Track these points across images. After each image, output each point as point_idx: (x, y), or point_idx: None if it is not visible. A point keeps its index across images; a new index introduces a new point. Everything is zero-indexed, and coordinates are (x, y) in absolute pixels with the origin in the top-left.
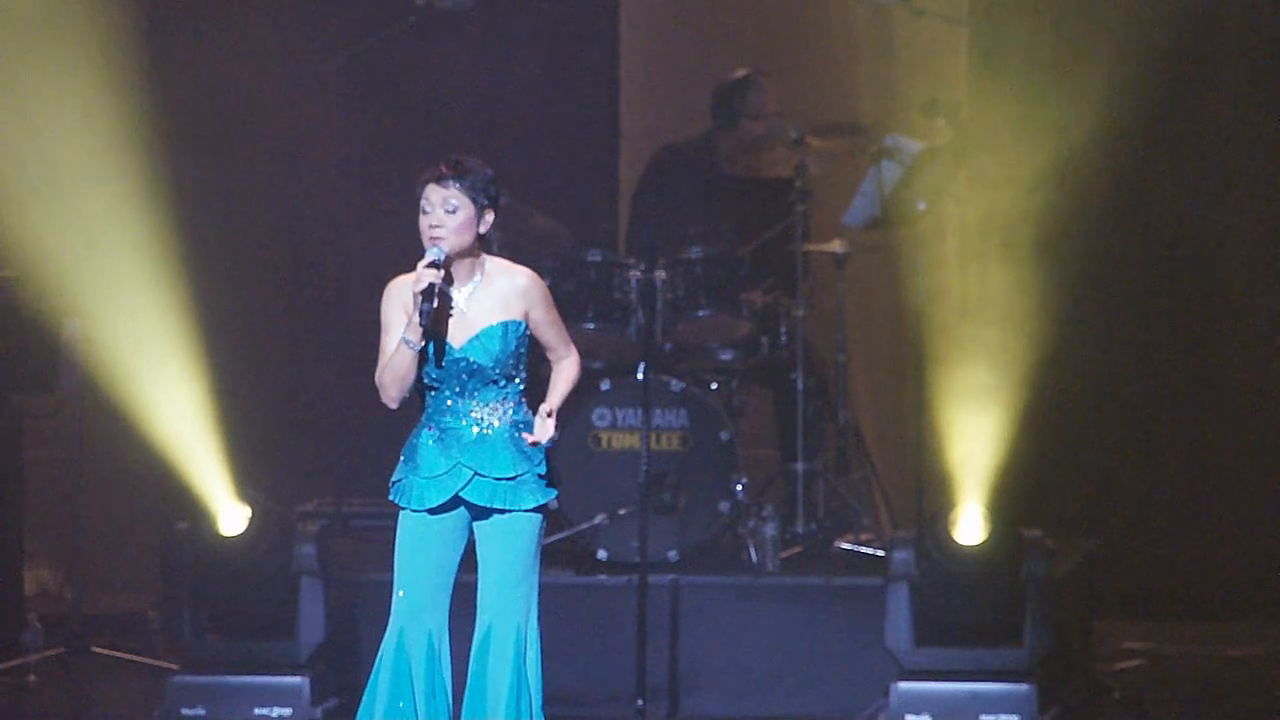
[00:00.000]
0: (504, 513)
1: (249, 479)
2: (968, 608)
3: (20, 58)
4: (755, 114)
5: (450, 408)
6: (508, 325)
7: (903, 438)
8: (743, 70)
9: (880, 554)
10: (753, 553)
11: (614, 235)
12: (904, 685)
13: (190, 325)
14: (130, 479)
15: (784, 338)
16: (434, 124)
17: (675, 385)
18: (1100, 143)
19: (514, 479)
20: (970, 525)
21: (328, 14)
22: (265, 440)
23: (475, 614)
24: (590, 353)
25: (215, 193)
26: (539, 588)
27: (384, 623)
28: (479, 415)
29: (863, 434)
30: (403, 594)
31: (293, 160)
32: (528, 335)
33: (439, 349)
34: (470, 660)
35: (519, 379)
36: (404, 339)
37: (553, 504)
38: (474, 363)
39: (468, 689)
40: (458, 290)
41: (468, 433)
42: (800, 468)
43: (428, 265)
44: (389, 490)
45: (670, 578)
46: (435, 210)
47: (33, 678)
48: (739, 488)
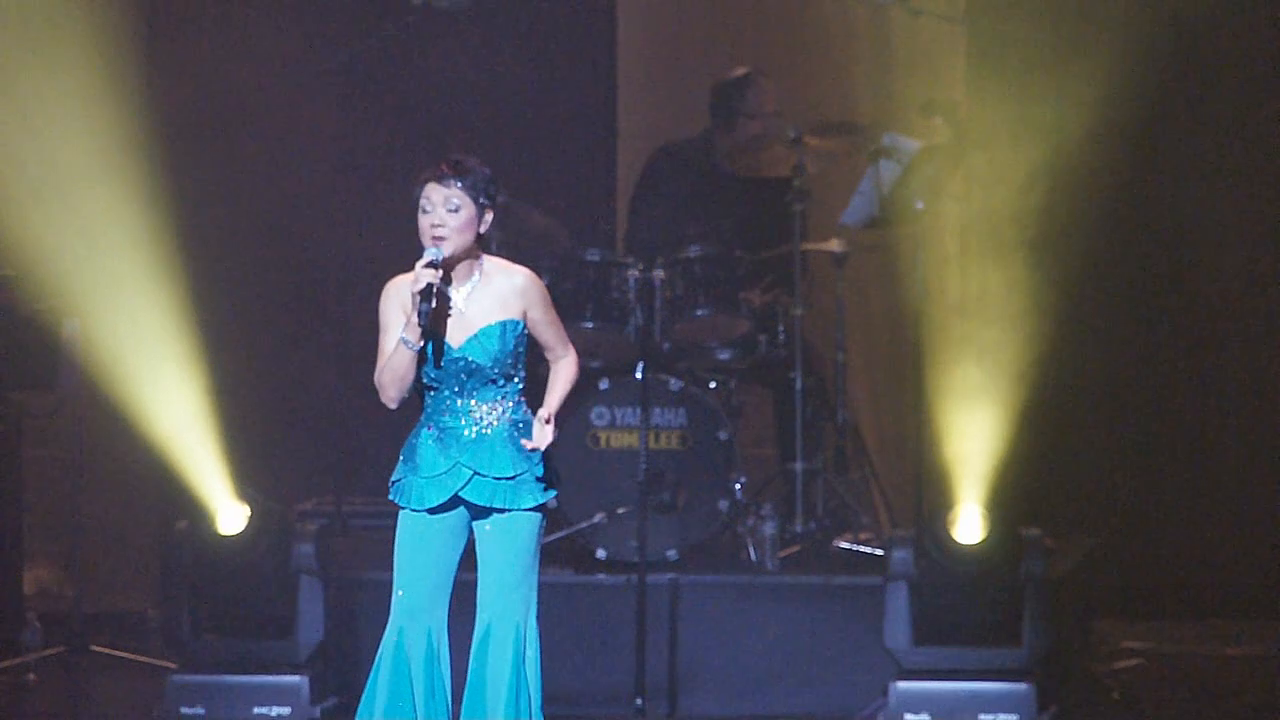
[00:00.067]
0: (503, 512)
1: (248, 478)
2: (966, 607)
3: (20, 58)
4: (753, 113)
5: (449, 407)
6: (506, 325)
7: (901, 437)
8: (741, 69)
9: (879, 553)
10: (752, 552)
11: (612, 234)
12: (903, 684)
13: (189, 325)
14: (130, 478)
15: (782, 337)
16: (432, 123)
17: (674, 384)
18: (1098, 142)
19: (513, 478)
20: (969, 524)
21: (326, 14)
22: (264, 439)
23: (475, 613)
24: (589, 352)
25: (214, 192)
26: (538, 587)
27: (383, 622)
28: (478, 415)
29: (861, 433)
30: (402, 593)
31: (291, 160)
32: (526, 335)
33: (438, 349)
34: (470, 659)
35: (518, 378)
36: (403, 339)
37: (551, 503)
38: (472, 362)
39: (467, 688)
40: (456, 290)
41: (467, 432)
42: (799, 467)
43: (426, 265)
44: (388, 490)
45: (669, 577)
46: (437, 209)
47: (32, 676)
48: (738, 487)
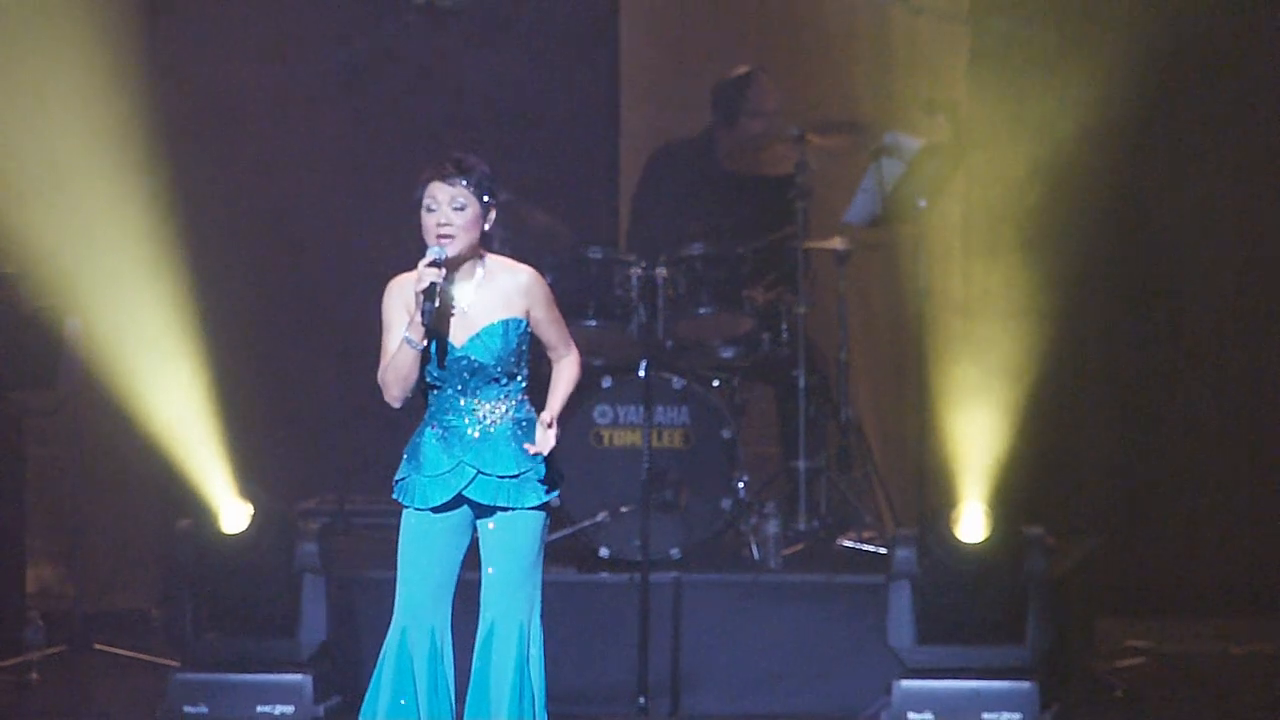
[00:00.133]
0: (507, 510)
1: (251, 477)
2: (970, 605)
3: (21, 57)
4: (755, 111)
5: (453, 406)
6: (509, 323)
7: (904, 435)
8: (743, 68)
9: (882, 551)
10: (755, 550)
11: (615, 232)
12: (906, 683)
13: (191, 323)
14: (132, 477)
15: (785, 335)
16: (434, 121)
17: (677, 382)
18: (1100, 140)
19: (517, 477)
20: (972, 523)
21: (328, 12)
22: (267, 438)
23: (478, 612)
24: (591, 350)
25: (216, 191)
26: (542, 585)
27: (386, 621)
28: (481, 413)
29: (864, 431)
30: (405, 592)
31: (293, 158)
32: (529, 333)
33: (441, 348)
34: (473, 658)
35: (521, 376)
36: (406, 338)
37: (555, 501)
38: (476, 361)
39: (470, 687)
40: (459, 289)
41: (470, 431)
42: (802, 465)
43: (429, 264)
44: (392, 489)
45: (672, 575)
46: (442, 208)
47: (35, 675)
48: (741, 485)
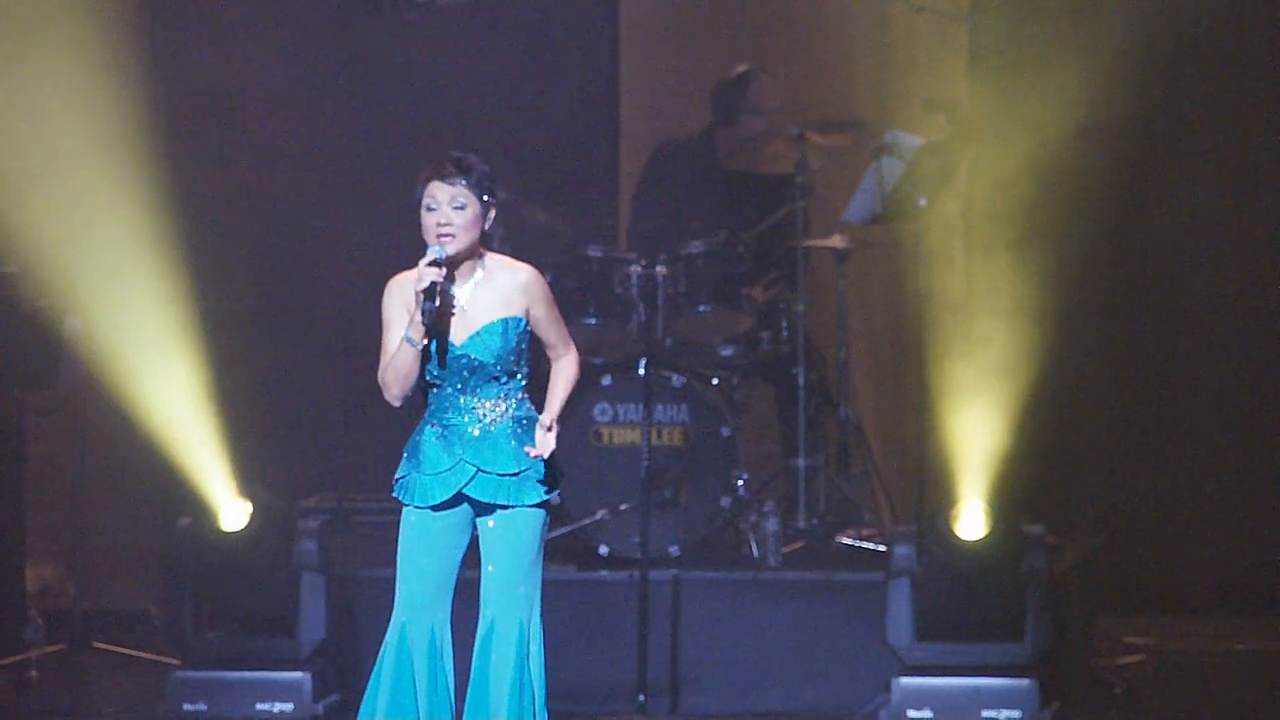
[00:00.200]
0: (507, 508)
1: (250, 475)
2: (969, 603)
3: (20, 54)
4: (755, 110)
5: (453, 405)
6: (509, 322)
7: (904, 433)
8: (743, 66)
9: (881, 549)
10: (754, 548)
11: (615, 231)
12: (905, 680)
13: (191, 321)
14: (132, 475)
15: (785, 333)
16: (434, 120)
17: (676, 380)
18: (1100, 138)
19: (517, 475)
20: (971, 520)
21: (328, 10)
22: (266, 436)
23: (478, 610)
24: (591, 348)
25: (216, 189)
26: (541, 583)
27: (386, 618)
28: (481, 412)
29: (864, 429)
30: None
31: (293, 156)
32: (529, 331)
33: (441, 346)
34: (473, 656)
35: (520, 375)
36: (406, 337)
37: (554, 499)
38: (476, 359)
39: (470, 685)
40: (459, 287)
41: (470, 429)
42: (801, 463)
43: (429, 263)
44: (392, 487)
45: (672, 573)
46: (443, 208)
47: (34, 673)
48: (740, 483)
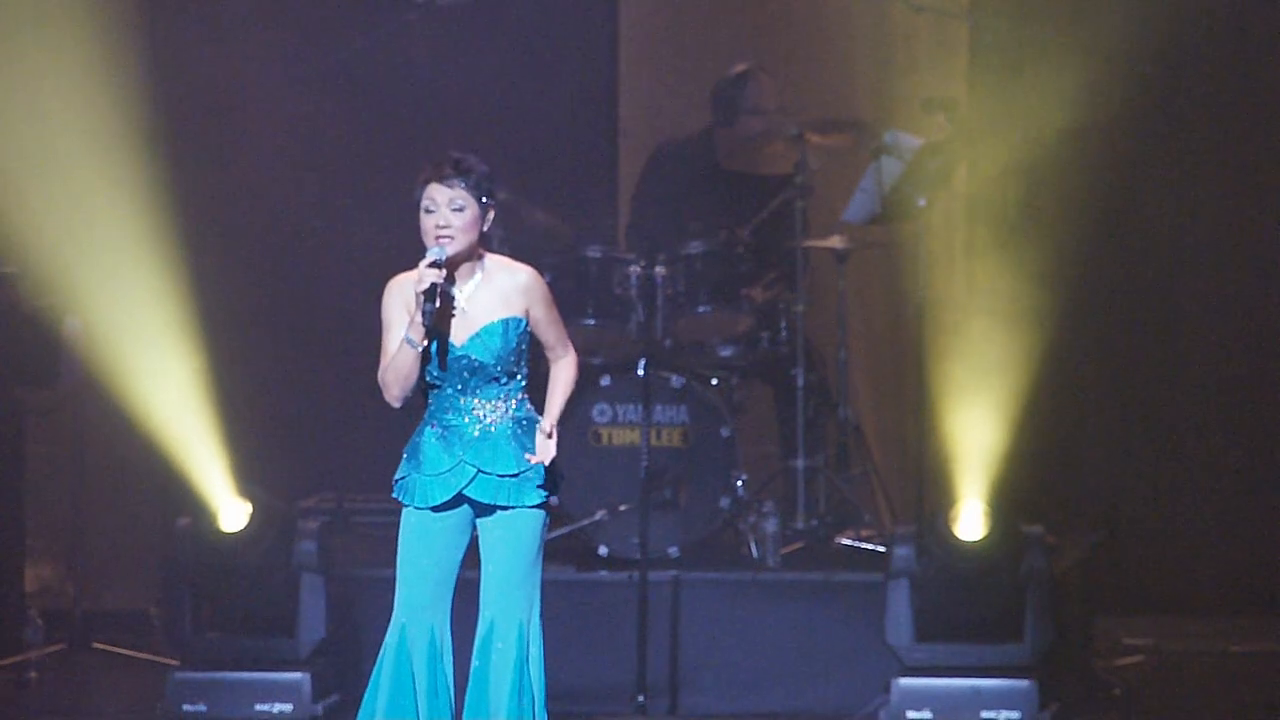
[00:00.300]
0: (507, 509)
1: (250, 475)
2: (968, 603)
3: (19, 54)
4: (754, 110)
5: (453, 405)
6: (509, 322)
7: (903, 433)
8: (742, 66)
9: (881, 550)
10: (753, 549)
11: (614, 231)
12: (905, 681)
13: (190, 321)
14: (131, 475)
15: (784, 333)
16: (433, 120)
17: (676, 381)
18: (1101, 136)
19: (517, 475)
20: (971, 521)
21: (327, 10)
22: (266, 436)
23: (478, 610)
24: (590, 349)
25: (216, 189)
26: (541, 584)
27: (385, 619)
28: (481, 413)
29: (863, 430)
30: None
31: (293, 156)
32: (529, 332)
33: (441, 347)
34: (472, 657)
35: (520, 375)
36: (406, 338)
37: (554, 500)
38: (476, 360)
39: (470, 685)
40: (459, 288)
41: (470, 430)
42: (801, 463)
43: (429, 265)
44: (392, 488)
45: (671, 574)
46: (441, 209)
47: (34, 674)
48: (739, 484)
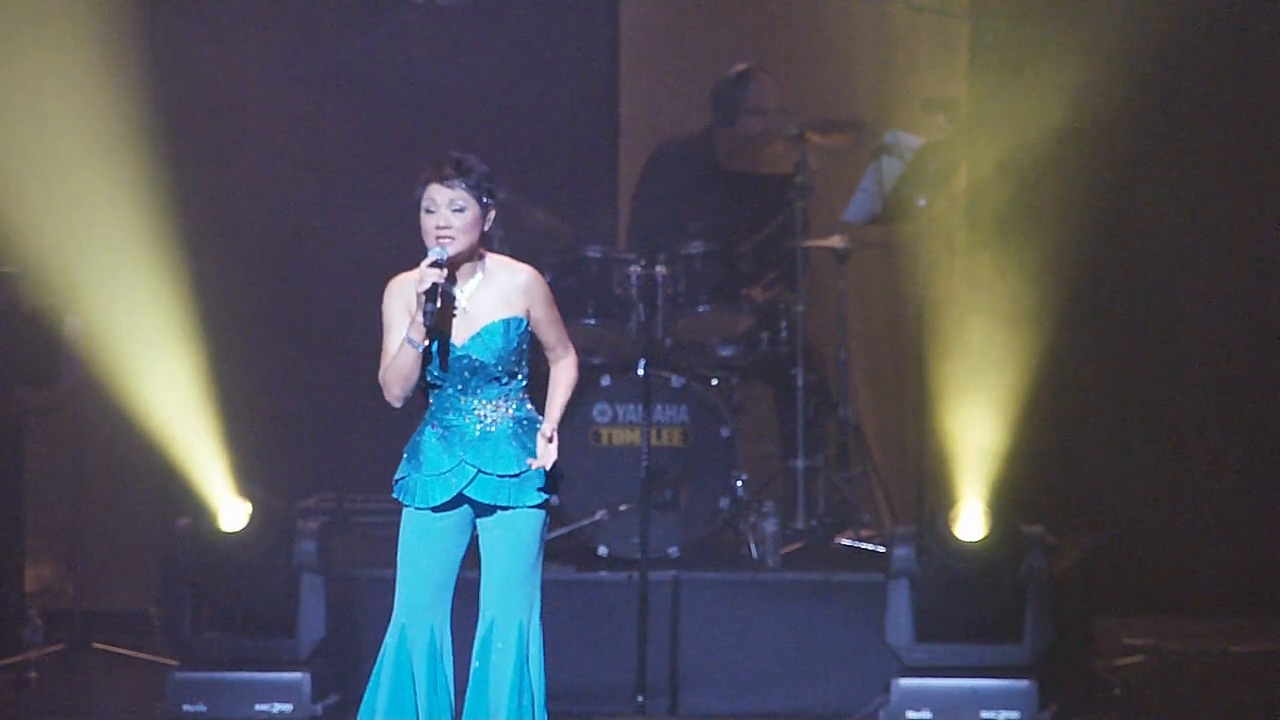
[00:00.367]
0: (507, 509)
1: (249, 475)
2: (968, 604)
3: (19, 54)
4: (755, 110)
5: (453, 405)
6: (509, 322)
7: (903, 433)
8: (742, 66)
9: (881, 550)
10: (753, 549)
11: (614, 231)
12: (905, 681)
13: (191, 321)
14: (131, 475)
15: (784, 333)
16: (433, 120)
17: (676, 381)
18: (1102, 136)
19: (517, 475)
20: (971, 521)
21: (327, 10)
22: (266, 436)
23: (478, 610)
24: (590, 348)
25: (216, 189)
26: (541, 584)
27: (385, 619)
28: (482, 413)
29: (863, 430)
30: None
31: (293, 156)
32: (529, 332)
33: (442, 347)
34: (473, 657)
35: (521, 375)
36: (408, 338)
37: (554, 500)
38: (476, 360)
39: (470, 686)
40: (460, 288)
41: (471, 430)
42: (801, 464)
43: (431, 265)
44: (392, 488)
45: (671, 574)
46: (441, 210)
47: (33, 674)
48: (739, 484)
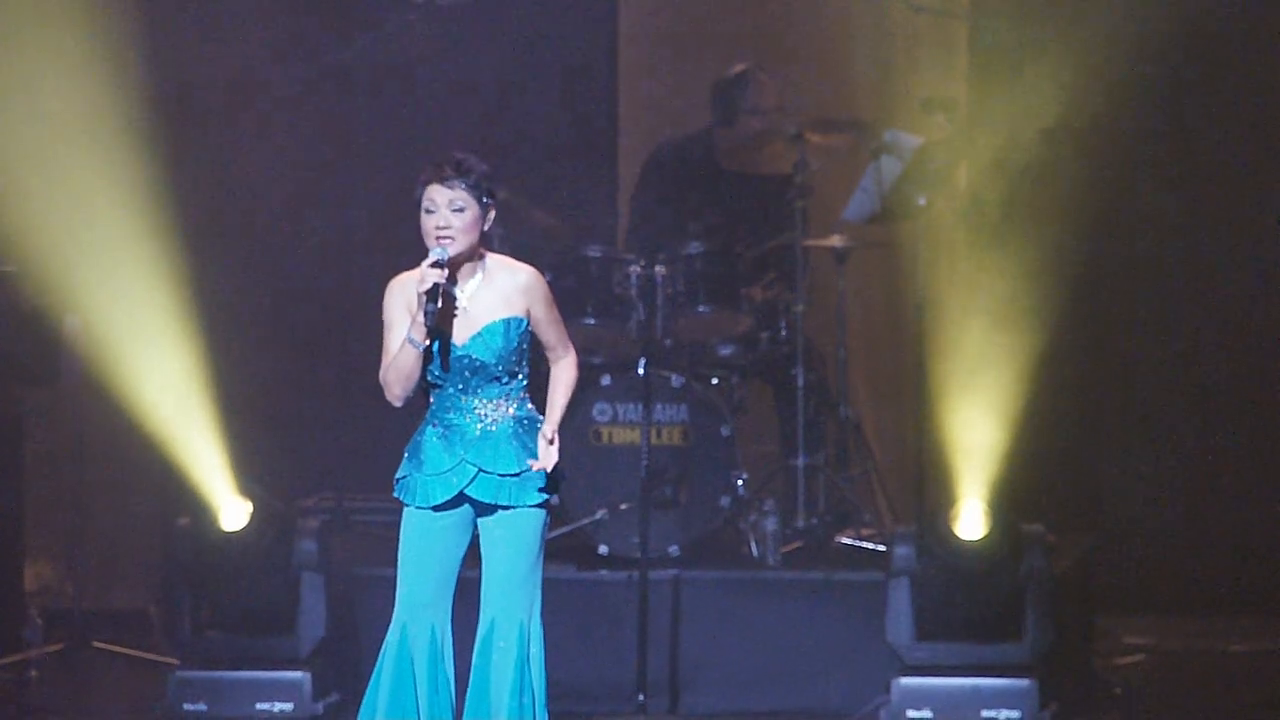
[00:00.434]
0: (508, 509)
1: (250, 474)
2: (969, 603)
3: (17, 52)
4: (754, 109)
5: (454, 405)
6: (510, 322)
7: (903, 432)
8: (741, 66)
9: (881, 549)
10: (753, 548)
11: (614, 231)
12: (905, 680)
13: (191, 320)
14: (131, 474)
15: (784, 333)
16: (433, 120)
17: (676, 380)
18: (1102, 136)
19: (518, 475)
20: (971, 520)
21: (328, 10)
22: (266, 435)
23: (478, 610)
24: (590, 348)
25: (216, 189)
26: (541, 583)
27: (385, 618)
28: (482, 412)
29: (863, 429)
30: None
31: (293, 156)
32: (530, 331)
33: (443, 347)
34: (473, 656)
35: (522, 375)
36: (409, 338)
37: (554, 500)
38: (477, 360)
39: (470, 685)
40: (460, 288)
41: (471, 429)
42: (801, 462)
43: (432, 265)
44: (392, 487)
45: (671, 573)
46: (441, 210)
47: (33, 673)
48: (740, 483)
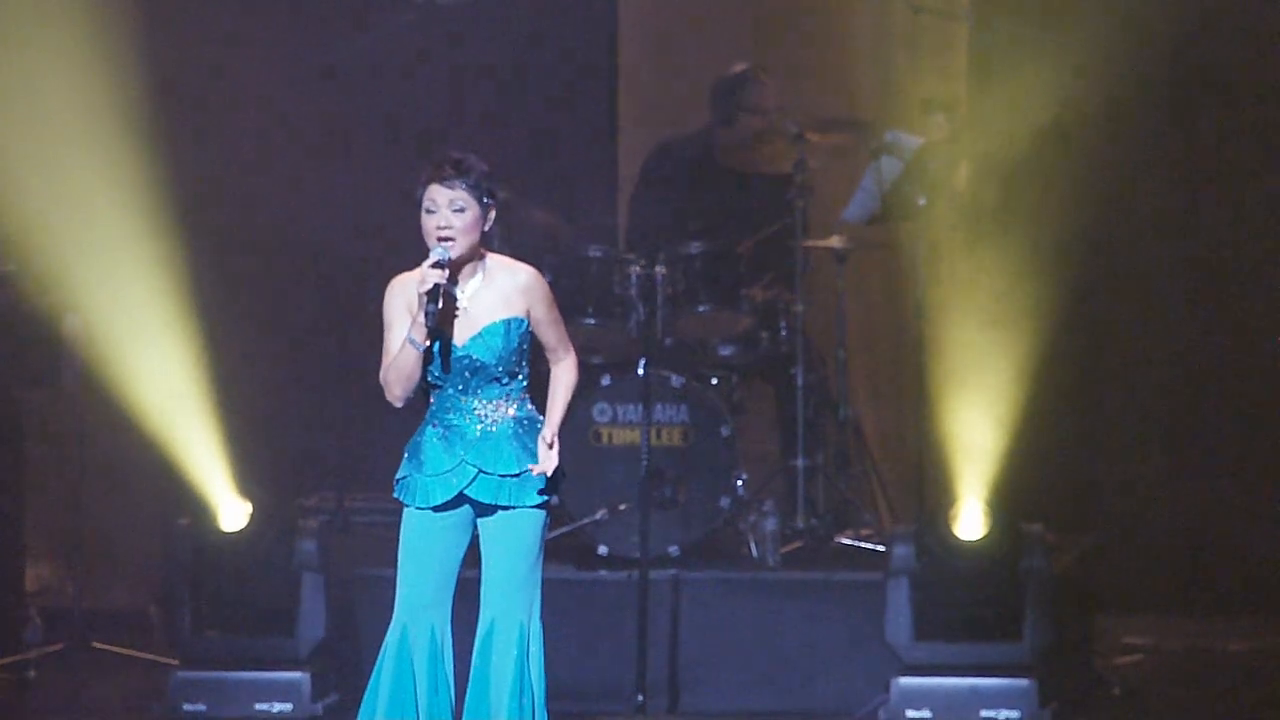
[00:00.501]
0: (508, 509)
1: (250, 474)
2: (968, 602)
3: (17, 52)
4: (754, 109)
5: (454, 405)
6: (510, 322)
7: (903, 433)
8: (741, 65)
9: (880, 549)
10: (753, 548)
11: (614, 231)
12: (904, 680)
13: (191, 320)
14: (131, 474)
15: (784, 333)
16: (433, 119)
17: (676, 380)
18: (1101, 135)
19: (518, 475)
20: (970, 520)
21: (328, 9)
22: (266, 436)
23: (478, 610)
24: (590, 348)
25: (216, 187)
26: (541, 583)
27: (385, 618)
28: (482, 412)
29: (863, 429)
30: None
31: (293, 156)
32: (530, 332)
33: (443, 347)
34: (473, 656)
35: (522, 375)
36: (409, 339)
37: (554, 500)
38: (477, 360)
39: (470, 685)
40: (460, 288)
41: (471, 430)
42: (800, 463)
43: (432, 265)
44: (393, 487)
45: (671, 573)
46: (441, 210)
47: (33, 673)
48: (739, 483)
